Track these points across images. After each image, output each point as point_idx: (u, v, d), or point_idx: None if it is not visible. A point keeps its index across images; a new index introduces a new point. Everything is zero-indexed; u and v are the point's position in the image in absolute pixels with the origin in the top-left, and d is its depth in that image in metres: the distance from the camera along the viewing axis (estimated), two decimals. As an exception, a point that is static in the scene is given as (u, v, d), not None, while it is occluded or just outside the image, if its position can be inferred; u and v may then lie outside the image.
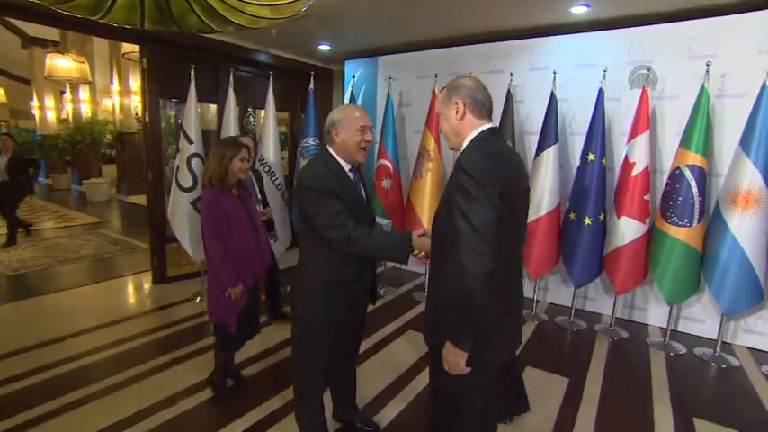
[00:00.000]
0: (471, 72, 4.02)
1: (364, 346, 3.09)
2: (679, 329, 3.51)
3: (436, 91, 4.18)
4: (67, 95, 10.94)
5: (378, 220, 1.94)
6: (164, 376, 2.70)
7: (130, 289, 4.30)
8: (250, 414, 2.34)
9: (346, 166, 1.76)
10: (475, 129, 1.39)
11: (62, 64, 7.34)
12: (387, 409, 2.42)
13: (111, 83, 10.06)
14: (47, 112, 11.20)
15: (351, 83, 4.69)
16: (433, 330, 1.48)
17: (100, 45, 9.67)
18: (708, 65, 3.04)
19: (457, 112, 1.40)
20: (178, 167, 3.67)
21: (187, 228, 3.72)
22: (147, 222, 4.30)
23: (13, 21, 8.80)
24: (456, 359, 1.31)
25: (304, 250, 1.83)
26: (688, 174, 3.02)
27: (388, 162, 4.23)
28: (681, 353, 3.19)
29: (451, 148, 1.47)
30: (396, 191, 4.26)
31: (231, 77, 3.80)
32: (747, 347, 3.30)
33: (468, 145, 1.39)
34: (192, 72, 3.63)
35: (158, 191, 4.17)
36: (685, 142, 3.07)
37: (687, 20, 3.27)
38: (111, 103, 10.33)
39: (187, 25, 2.80)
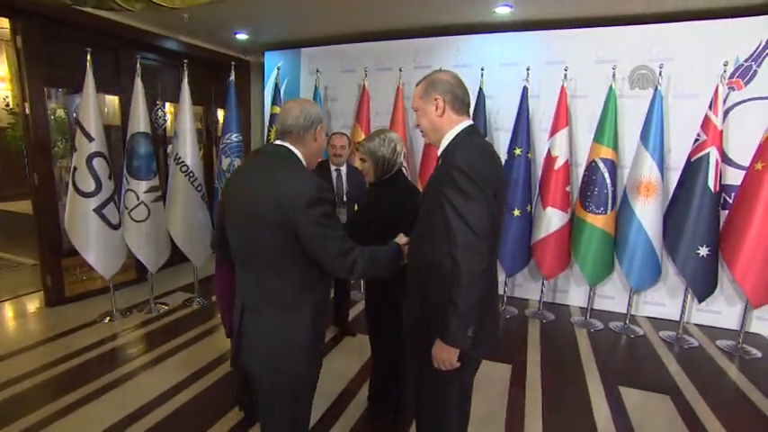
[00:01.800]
0: (401, 67, 4.01)
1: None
2: (595, 307, 3.88)
3: (366, 86, 4.10)
4: None
5: None
6: (71, 420, 2.22)
7: (15, 315, 3.56)
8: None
9: None
10: (455, 125, 1.37)
11: None
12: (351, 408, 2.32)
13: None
14: None
15: (274, 74, 4.41)
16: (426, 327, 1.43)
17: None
18: (613, 68, 3.36)
19: (437, 108, 1.36)
20: (76, 169, 3.12)
21: (92, 238, 3.19)
22: (31, 234, 3.60)
23: None
24: (449, 357, 1.30)
25: (280, 289, 1.31)
26: (602, 166, 3.33)
27: (319, 159, 4.05)
28: (599, 328, 3.53)
29: (429, 143, 1.44)
30: (329, 189, 4.11)
31: (138, 66, 3.31)
32: (647, 317, 3.77)
33: (454, 141, 1.36)
34: (89, 57, 3.08)
35: (48, 196, 3.51)
36: (598, 137, 3.38)
37: (595, 26, 3.59)
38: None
39: (82, -2, 2.37)
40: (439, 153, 1.41)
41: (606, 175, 3.31)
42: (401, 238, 1.53)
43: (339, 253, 1.27)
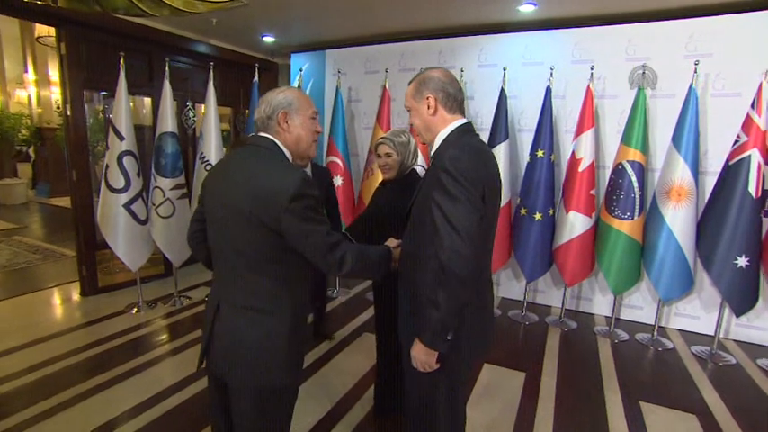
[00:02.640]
0: (421, 67, 3.98)
1: (325, 346, 2.98)
2: (622, 317, 3.71)
3: (387, 86, 4.10)
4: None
5: None
6: (98, 399, 2.40)
7: (54, 302, 3.82)
8: (199, 436, 2.13)
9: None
10: (448, 124, 1.34)
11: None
12: (356, 407, 2.34)
13: (26, 71, 9.01)
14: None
15: (298, 76, 4.50)
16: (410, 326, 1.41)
17: (9, 28, 8.59)
18: (644, 67, 3.20)
19: (429, 107, 1.33)
20: (107, 166, 3.30)
21: (121, 233, 3.36)
22: (72, 227, 3.85)
23: None
24: (428, 359, 1.29)
25: (257, 289, 1.25)
26: (629, 169, 3.17)
27: (338, 159, 4.10)
28: (624, 339, 3.36)
29: (423, 143, 1.41)
30: (347, 189, 4.14)
31: (167, 68, 3.47)
32: (678, 330, 3.55)
33: (446, 140, 1.33)
34: (122, 61, 3.26)
35: (85, 192, 3.74)
36: (626, 139, 3.22)
37: (624, 23, 3.42)
38: (25, 94, 9.25)
39: (112, 6, 2.51)
40: (431, 153, 1.38)
41: (634, 178, 3.15)
42: (391, 242, 1.49)
43: (328, 248, 1.21)
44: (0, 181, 8.90)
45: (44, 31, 6.36)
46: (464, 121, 1.36)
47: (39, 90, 8.98)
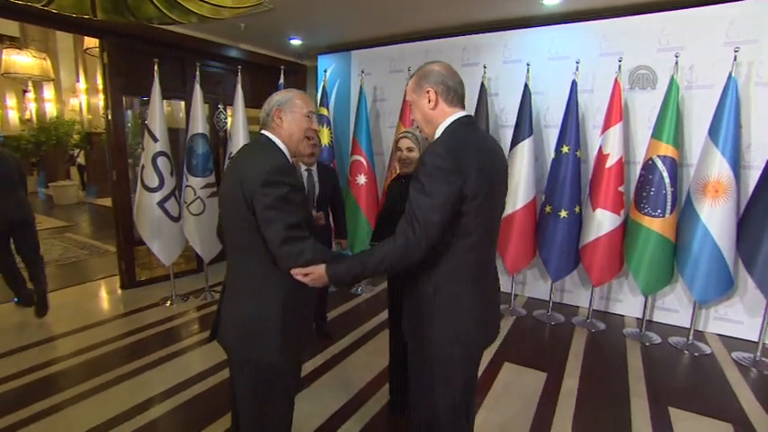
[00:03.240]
0: (445, 65, 3.97)
1: (346, 342, 3.05)
2: (654, 319, 3.55)
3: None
4: (30, 94, 10.49)
5: None
6: (135, 382, 2.61)
7: (98, 294, 4.11)
8: (225, 418, 2.24)
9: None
10: (448, 117, 1.34)
11: (20, 60, 6.97)
12: (370, 402, 2.40)
13: (78, 81, 9.68)
14: (8, 111, 10.71)
15: (323, 78, 4.60)
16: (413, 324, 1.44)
17: (64, 41, 9.28)
18: (677, 57, 3.06)
19: (429, 101, 1.34)
20: (143, 167, 3.52)
21: (155, 230, 3.57)
22: (113, 225, 4.12)
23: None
24: (317, 278, 1.28)
25: (250, 270, 1.35)
26: (660, 164, 3.04)
27: (362, 158, 4.16)
28: (656, 342, 3.22)
29: (426, 138, 1.43)
30: (371, 187, 4.20)
31: (197, 73, 3.66)
32: (718, 334, 3.36)
33: (444, 133, 1.33)
34: (156, 67, 3.47)
35: (124, 191, 4.00)
36: (657, 133, 3.09)
37: (656, 12, 3.29)
38: (77, 102, 9.95)
39: (145, 16, 2.68)
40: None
41: (665, 174, 3.01)
42: None
43: (282, 240, 1.23)
44: (54, 183, 9.62)
45: (91, 43, 6.82)
46: (464, 113, 1.36)
47: (89, 98, 9.64)
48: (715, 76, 3.11)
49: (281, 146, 1.39)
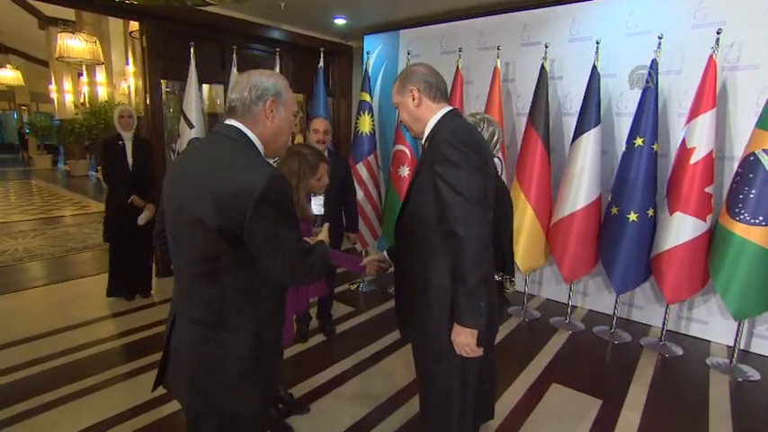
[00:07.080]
0: (500, 45, 3.82)
1: (369, 350, 3.04)
2: (752, 350, 3.20)
3: (460, 67, 4.01)
4: (84, 78, 11.42)
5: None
6: None
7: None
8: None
9: None
10: (434, 112, 1.49)
11: (73, 44, 7.58)
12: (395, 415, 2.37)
13: (127, 64, 10.39)
14: (65, 95, 11.74)
15: (366, 60, 4.59)
16: (408, 318, 1.58)
17: (115, 24, 9.98)
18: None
19: (413, 99, 1.49)
20: (178, 153, 3.71)
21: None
22: (150, 211, 4.39)
23: (29, 0, 9.24)
24: (468, 340, 1.38)
25: (209, 301, 1.15)
26: (765, 160, 2.71)
27: (405, 148, 4.11)
28: (752, 379, 2.88)
29: (415, 137, 1.57)
30: (415, 180, 4.14)
31: (234, 56, 3.78)
32: (833, 372, 2.98)
33: (438, 124, 1.47)
34: (192, 50, 3.62)
35: (160, 177, 4.23)
36: (762, 122, 2.76)
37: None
38: (126, 85, 10.69)
39: (179, -5, 2.80)
40: (424, 140, 1.52)
41: (770, 172, 2.69)
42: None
43: (304, 253, 1.15)
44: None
45: (135, 26, 7.29)
46: (451, 107, 1.51)
47: (136, 81, 10.32)
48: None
49: (259, 145, 1.19)
